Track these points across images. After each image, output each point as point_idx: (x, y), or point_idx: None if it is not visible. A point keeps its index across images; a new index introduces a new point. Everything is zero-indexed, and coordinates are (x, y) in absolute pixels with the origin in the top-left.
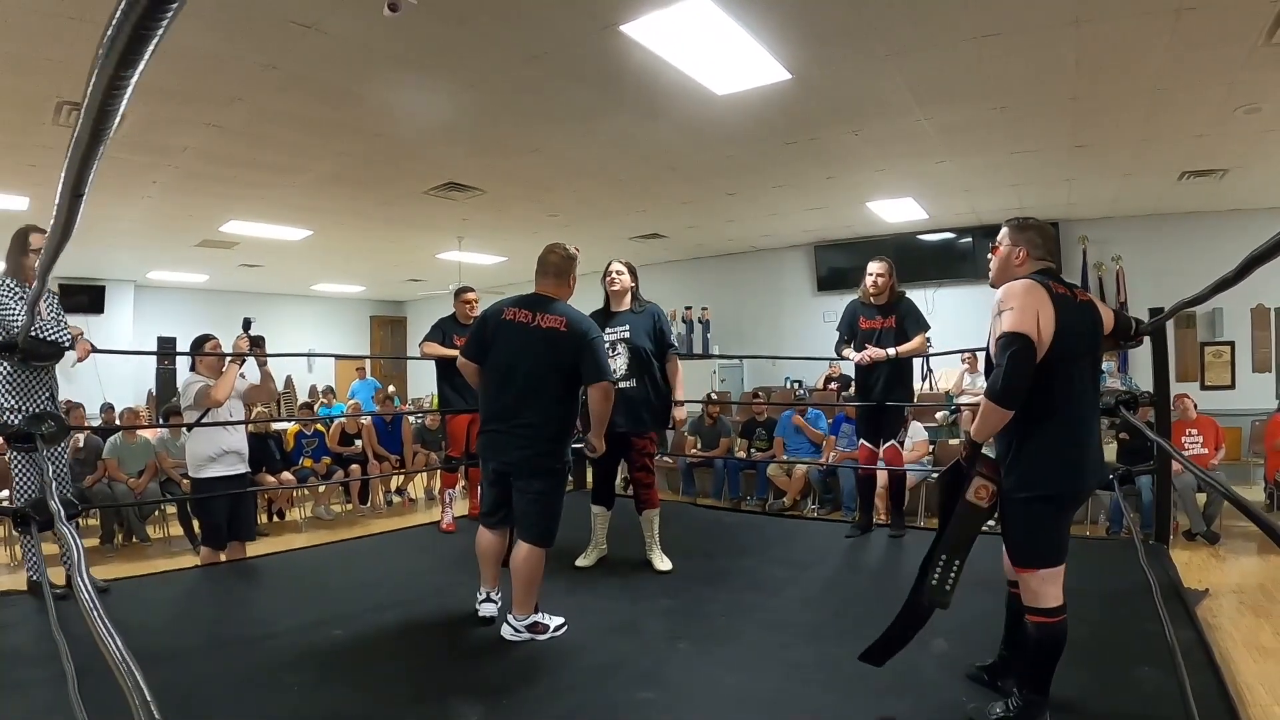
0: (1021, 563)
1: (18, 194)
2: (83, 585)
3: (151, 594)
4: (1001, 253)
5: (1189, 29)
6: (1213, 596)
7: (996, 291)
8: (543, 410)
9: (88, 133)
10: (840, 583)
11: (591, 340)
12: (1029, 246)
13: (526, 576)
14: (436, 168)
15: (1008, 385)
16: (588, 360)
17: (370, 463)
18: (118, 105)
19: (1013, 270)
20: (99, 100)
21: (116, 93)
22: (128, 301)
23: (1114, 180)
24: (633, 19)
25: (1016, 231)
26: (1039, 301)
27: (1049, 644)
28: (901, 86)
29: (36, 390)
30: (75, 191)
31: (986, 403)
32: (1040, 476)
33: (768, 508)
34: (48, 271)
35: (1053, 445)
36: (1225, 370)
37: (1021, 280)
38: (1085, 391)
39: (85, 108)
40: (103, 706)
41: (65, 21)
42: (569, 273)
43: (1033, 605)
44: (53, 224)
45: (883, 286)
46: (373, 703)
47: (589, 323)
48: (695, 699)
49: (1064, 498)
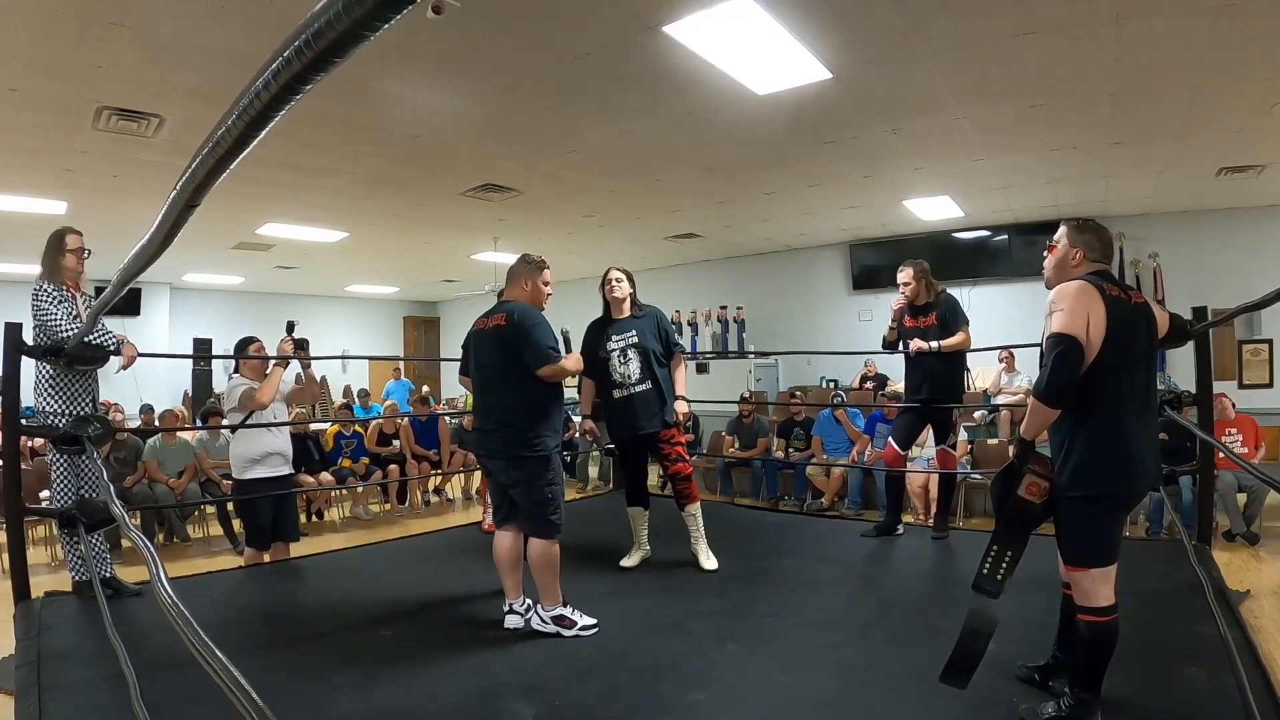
0: (1073, 561)
1: (56, 198)
2: (161, 586)
3: (193, 595)
4: (1058, 252)
5: (1228, 25)
6: (1253, 598)
7: (1050, 292)
8: (506, 404)
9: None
10: (886, 583)
11: (528, 327)
12: (1086, 248)
13: (541, 569)
14: (473, 169)
15: (1052, 384)
16: (526, 347)
17: (408, 463)
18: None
19: (1068, 271)
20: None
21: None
22: (163, 304)
23: (1151, 177)
24: (675, 19)
25: (1075, 232)
26: (1090, 303)
27: (1101, 643)
28: (941, 85)
29: (80, 394)
30: (190, 203)
31: (1034, 402)
32: (1091, 476)
33: (806, 508)
34: (129, 280)
35: (1104, 445)
36: (1263, 369)
37: (1075, 281)
38: (1139, 393)
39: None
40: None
41: (105, 27)
42: (521, 275)
43: (1085, 604)
44: (152, 233)
45: (915, 292)
46: (426, 703)
47: (527, 311)
48: (747, 700)
49: (1115, 497)
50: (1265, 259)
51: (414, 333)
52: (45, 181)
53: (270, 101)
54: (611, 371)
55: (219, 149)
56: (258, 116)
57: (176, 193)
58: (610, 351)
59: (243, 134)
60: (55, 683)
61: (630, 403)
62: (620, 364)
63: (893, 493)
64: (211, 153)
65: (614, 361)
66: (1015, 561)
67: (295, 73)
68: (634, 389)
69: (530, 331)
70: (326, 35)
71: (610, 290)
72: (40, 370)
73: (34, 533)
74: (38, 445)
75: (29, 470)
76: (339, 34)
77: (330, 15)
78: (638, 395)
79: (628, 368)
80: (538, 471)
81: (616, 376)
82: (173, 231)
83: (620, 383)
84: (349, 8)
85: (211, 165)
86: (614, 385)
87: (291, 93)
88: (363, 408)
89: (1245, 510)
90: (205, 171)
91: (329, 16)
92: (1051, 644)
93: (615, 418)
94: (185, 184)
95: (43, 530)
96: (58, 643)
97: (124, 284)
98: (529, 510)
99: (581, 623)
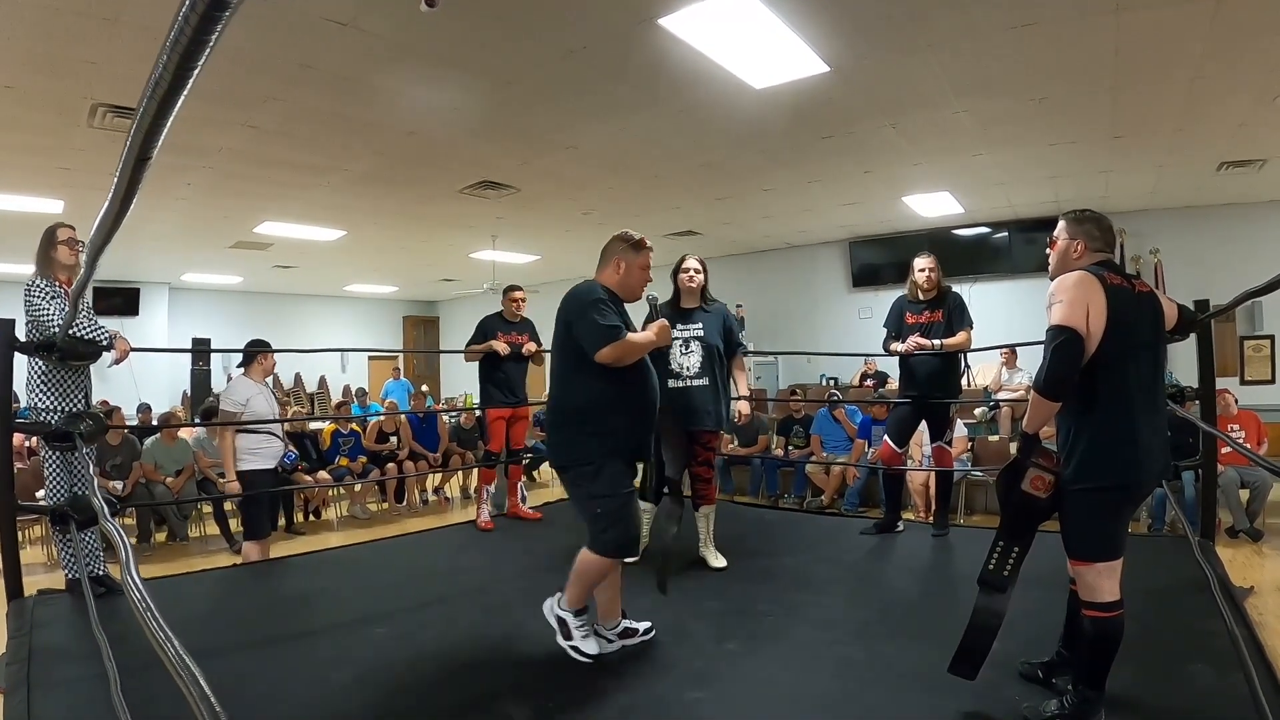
0: (1078, 555)
1: (52, 197)
2: (132, 582)
3: (188, 592)
4: (1060, 246)
5: (1229, 17)
6: (1257, 594)
7: (1052, 284)
8: (553, 403)
9: (169, 77)
10: (886, 581)
11: (581, 306)
12: (1086, 239)
13: (577, 571)
14: (471, 166)
15: (1052, 377)
16: (579, 329)
17: (405, 461)
18: (203, 51)
19: (1071, 263)
20: (187, 38)
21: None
22: (162, 304)
23: (1152, 172)
24: (671, 12)
25: (1074, 224)
26: (1090, 294)
27: (1105, 639)
28: (940, 78)
29: (73, 390)
30: (141, 155)
31: (1035, 395)
32: (1097, 468)
33: (805, 505)
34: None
35: (1109, 437)
36: (1265, 365)
37: (1074, 272)
38: (1145, 384)
39: (169, 46)
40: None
41: (99, 23)
42: (613, 255)
43: (1089, 600)
44: (111, 195)
45: (934, 282)
46: (420, 702)
47: (581, 288)
48: (747, 698)
49: (1120, 490)
50: (1266, 254)
51: (413, 332)
52: (41, 180)
53: (199, 24)
54: (671, 360)
55: (159, 90)
56: (189, 45)
57: (127, 149)
58: (674, 339)
59: (179, 67)
60: (44, 680)
61: (686, 394)
62: (681, 354)
63: (891, 490)
64: (153, 96)
65: (675, 350)
66: (1021, 557)
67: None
68: (691, 381)
69: (585, 311)
70: None
71: (687, 279)
72: (33, 366)
73: (31, 531)
74: (34, 444)
75: (24, 469)
76: None
77: None
78: (695, 389)
79: (688, 359)
80: (584, 481)
81: (675, 366)
82: (130, 191)
83: (678, 373)
84: None
85: (155, 109)
86: (671, 374)
87: (219, 8)
88: (360, 406)
89: (1248, 506)
90: (150, 118)
91: None
92: (1057, 640)
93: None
94: (134, 137)
95: (40, 529)
96: (49, 640)
97: (94, 257)
98: (587, 521)
99: (579, 637)
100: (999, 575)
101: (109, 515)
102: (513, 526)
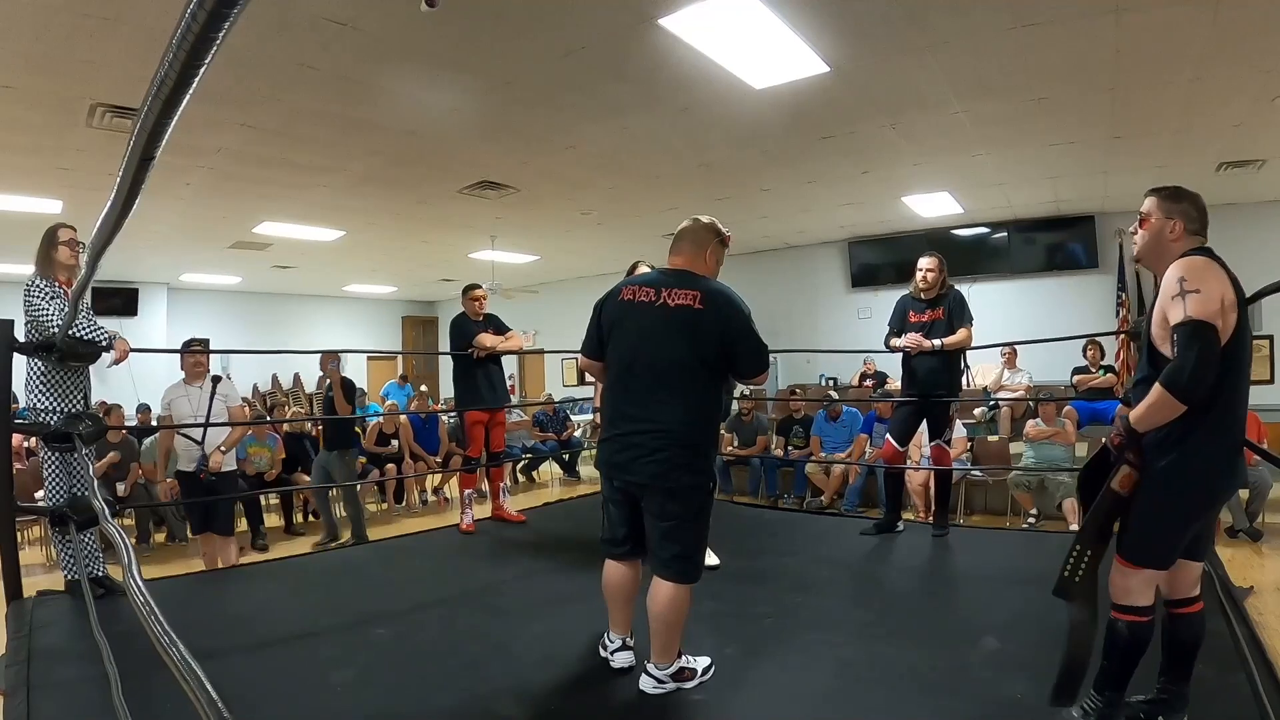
0: (1135, 559)
1: (51, 197)
2: (135, 584)
3: (188, 593)
4: (1153, 225)
5: (1228, 17)
6: (1257, 594)
7: (1171, 268)
8: (676, 413)
9: (175, 75)
10: (886, 581)
11: (745, 320)
12: (1184, 219)
13: (672, 620)
14: (470, 166)
15: (1196, 380)
16: (744, 347)
17: (405, 462)
18: (210, 51)
19: (1168, 246)
20: (192, 39)
21: (214, 31)
22: (161, 304)
23: (1151, 172)
24: (671, 11)
25: (1169, 201)
26: (1223, 284)
27: (1140, 644)
28: (940, 78)
29: (72, 391)
30: (145, 155)
31: (1164, 394)
32: (1208, 477)
33: (805, 505)
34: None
35: (1225, 444)
36: (1264, 364)
37: (1199, 258)
38: (1248, 385)
39: (175, 45)
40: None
41: (98, 23)
42: (706, 244)
43: (1124, 602)
44: (114, 193)
45: (934, 281)
46: (418, 704)
47: (734, 297)
48: (746, 699)
49: (1214, 500)
50: (1266, 255)
51: (412, 332)
52: (40, 180)
53: (207, 22)
54: None
55: (164, 89)
56: (195, 43)
57: (130, 148)
58: None
59: (185, 66)
60: (44, 681)
61: None
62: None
63: (891, 490)
64: (158, 95)
65: None
66: (1097, 562)
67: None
68: None
69: (751, 328)
70: None
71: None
72: (32, 367)
73: (30, 532)
74: (34, 445)
75: (24, 470)
76: None
77: None
78: None
79: None
80: (698, 507)
81: None
82: (133, 191)
83: None
84: None
85: (160, 109)
86: None
87: (228, 5)
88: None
89: (1248, 506)
90: (154, 118)
91: None
92: (1156, 676)
93: None
94: (137, 136)
95: (40, 530)
96: (48, 642)
97: (95, 258)
98: (674, 550)
99: (701, 667)
100: (1072, 583)
101: (109, 516)
102: (503, 529)
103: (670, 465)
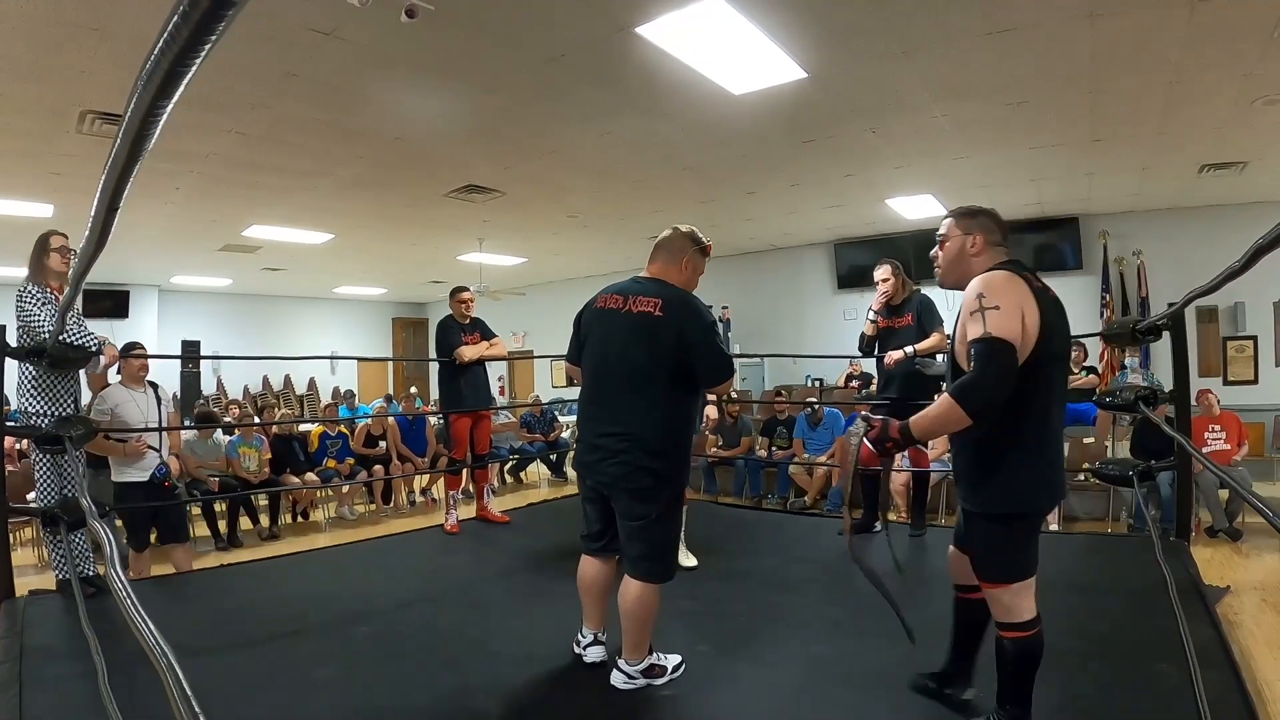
0: (995, 579)
1: (42, 202)
2: (118, 581)
3: (178, 592)
4: (952, 245)
5: (1204, 21)
6: (1234, 594)
7: (969, 285)
8: (638, 416)
9: (124, 153)
10: (860, 580)
11: (704, 330)
12: (983, 232)
13: (642, 618)
14: (456, 170)
15: (987, 397)
16: (700, 355)
17: (393, 463)
18: (154, 130)
19: (970, 261)
20: (137, 123)
21: (154, 118)
22: (152, 306)
23: (1134, 174)
24: (648, 21)
25: (966, 218)
26: (1023, 298)
27: (1029, 658)
28: (918, 84)
29: (62, 395)
30: (111, 205)
31: (952, 406)
32: (1023, 494)
33: (789, 506)
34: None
35: (1035, 460)
36: (1248, 365)
37: (1001, 272)
38: (1061, 398)
39: (124, 129)
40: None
41: (87, 32)
42: (682, 253)
43: (1006, 620)
44: (87, 236)
45: (892, 290)
46: (399, 700)
47: (695, 304)
48: (716, 696)
49: (1040, 515)
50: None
51: (403, 334)
52: (31, 185)
53: (186, 42)
54: None
55: (124, 145)
56: (172, 64)
57: (99, 196)
58: None
59: (162, 83)
60: (35, 679)
61: None
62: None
63: (868, 490)
64: (125, 139)
65: None
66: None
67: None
68: None
69: (709, 336)
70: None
71: None
72: (23, 371)
73: (23, 533)
74: (25, 447)
75: (16, 471)
76: None
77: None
78: None
79: None
80: (668, 508)
81: None
82: (103, 234)
83: None
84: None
85: (127, 153)
86: None
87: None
88: (349, 409)
89: (1227, 506)
90: (122, 162)
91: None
92: (946, 649)
93: None
94: (106, 179)
95: (32, 531)
96: (40, 639)
97: (77, 285)
98: (642, 550)
99: (671, 665)
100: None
101: (96, 515)
102: (487, 529)
103: (633, 467)
